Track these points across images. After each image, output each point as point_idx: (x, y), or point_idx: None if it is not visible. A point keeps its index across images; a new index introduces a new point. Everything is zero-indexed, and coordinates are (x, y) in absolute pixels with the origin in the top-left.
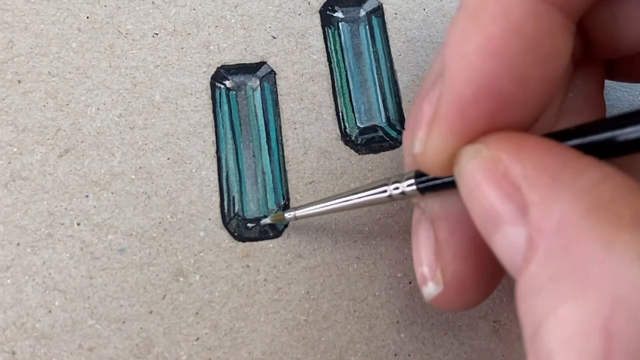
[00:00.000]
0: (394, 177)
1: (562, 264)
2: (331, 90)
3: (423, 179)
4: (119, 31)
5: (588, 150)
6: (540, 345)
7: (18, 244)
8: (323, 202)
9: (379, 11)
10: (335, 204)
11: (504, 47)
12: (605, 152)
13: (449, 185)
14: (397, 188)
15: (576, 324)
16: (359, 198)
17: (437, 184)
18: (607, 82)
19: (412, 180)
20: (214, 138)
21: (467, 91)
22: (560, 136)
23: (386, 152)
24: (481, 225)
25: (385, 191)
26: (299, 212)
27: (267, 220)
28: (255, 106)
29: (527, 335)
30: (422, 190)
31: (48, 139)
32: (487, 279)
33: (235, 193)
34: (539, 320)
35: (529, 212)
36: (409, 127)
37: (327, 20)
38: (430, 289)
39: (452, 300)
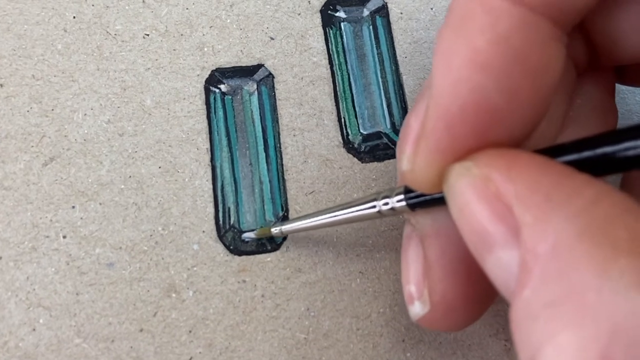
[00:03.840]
0: (383, 192)
1: (558, 289)
2: (332, 94)
3: (413, 194)
4: (108, 32)
5: (584, 166)
6: None
7: (0, 258)
8: (310, 217)
9: (383, 11)
10: (323, 219)
11: (492, 59)
12: (602, 169)
13: (439, 201)
14: (386, 204)
15: (574, 354)
16: (347, 214)
17: (427, 200)
18: (627, 87)
19: (402, 196)
20: (208, 145)
21: (454, 106)
22: (554, 152)
23: (391, 160)
24: (472, 246)
25: (374, 207)
26: (285, 227)
27: (251, 235)
28: (252, 111)
29: None
30: (412, 207)
31: (32, 146)
32: (478, 300)
33: (230, 204)
34: (535, 349)
35: (521, 234)
36: (400, 140)
37: (328, 21)
38: (416, 309)
39: (439, 322)
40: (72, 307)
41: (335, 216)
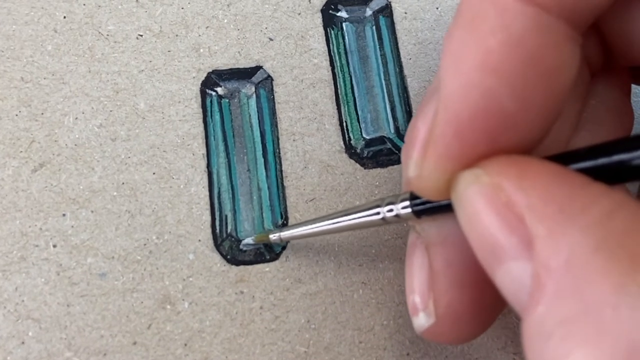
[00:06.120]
0: (388, 198)
1: (573, 306)
2: (334, 97)
3: (419, 201)
4: (100, 32)
5: (599, 174)
6: None
7: None
8: (311, 224)
9: (387, 10)
10: (324, 225)
11: (504, 62)
12: (618, 176)
13: (447, 208)
14: (391, 210)
15: None
16: (349, 220)
17: (434, 207)
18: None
19: (407, 202)
20: (204, 151)
21: (465, 111)
22: (568, 158)
23: (395, 167)
24: (482, 256)
25: (378, 213)
26: (284, 233)
27: (249, 241)
28: (250, 115)
29: None
30: (418, 214)
31: (21, 151)
32: (485, 312)
33: (228, 212)
34: None
35: (534, 246)
36: (406, 145)
37: (329, 21)
38: (421, 321)
39: (445, 334)
40: (62, 319)
41: (336, 223)
